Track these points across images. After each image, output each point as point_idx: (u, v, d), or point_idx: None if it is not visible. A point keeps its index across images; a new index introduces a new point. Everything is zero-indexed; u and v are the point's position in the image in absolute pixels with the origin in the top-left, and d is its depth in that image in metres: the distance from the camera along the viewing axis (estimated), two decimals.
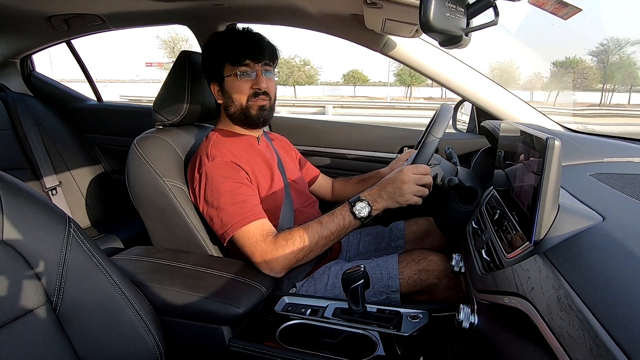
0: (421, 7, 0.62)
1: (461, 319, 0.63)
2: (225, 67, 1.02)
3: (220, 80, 1.04)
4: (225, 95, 1.05)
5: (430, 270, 0.98)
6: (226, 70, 1.03)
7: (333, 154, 1.67)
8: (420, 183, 0.91)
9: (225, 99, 1.06)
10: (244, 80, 1.02)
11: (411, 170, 0.91)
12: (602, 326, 0.32)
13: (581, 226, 0.49)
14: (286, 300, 0.89)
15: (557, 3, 0.76)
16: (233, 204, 0.92)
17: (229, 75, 1.03)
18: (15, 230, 0.63)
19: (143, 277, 0.87)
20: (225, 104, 1.07)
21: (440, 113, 1.00)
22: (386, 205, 0.92)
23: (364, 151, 1.63)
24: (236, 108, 1.05)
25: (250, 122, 1.06)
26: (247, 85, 1.02)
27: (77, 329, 0.69)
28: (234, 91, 1.03)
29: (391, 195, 0.91)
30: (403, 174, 0.91)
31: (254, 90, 1.03)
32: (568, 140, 1.00)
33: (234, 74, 1.02)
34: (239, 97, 1.03)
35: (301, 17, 1.35)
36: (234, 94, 1.03)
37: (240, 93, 1.03)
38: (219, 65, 1.03)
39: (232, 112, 1.06)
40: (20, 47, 1.88)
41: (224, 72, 1.03)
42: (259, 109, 1.04)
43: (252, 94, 1.03)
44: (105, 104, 2.13)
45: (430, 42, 1.33)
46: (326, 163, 1.69)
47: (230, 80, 1.03)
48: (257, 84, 1.02)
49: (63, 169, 1.84)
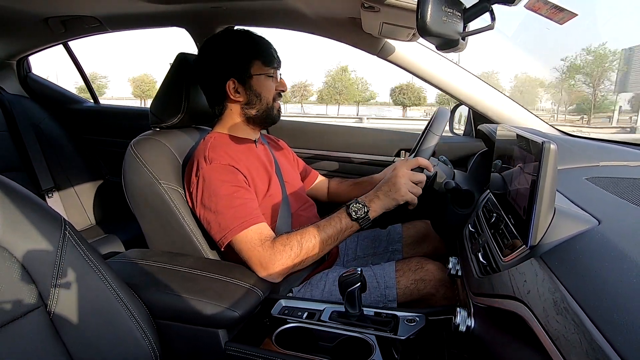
0: (418, 11, 0.62)
1: (458, 322, 0.63)
2: (255, 65, 1.02)
3: (246, 77, 1.02)
4: (249, 93, 1.04)
5: (427, 280, 0.97)
6: (255, 68, 1.02)
7: (330, 157, 1.67)
8: (414, 179, 0.92)
9: (248, 96, 1.04)
10: (273, 81, 1.05)
11: (405, 166, 0.93)
12: (598, 329, 0.32)
13: (577, 230, 0.49)
14: (283, 304, 0.89)
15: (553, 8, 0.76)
16: (231, 208, 0.92)
17: (259, 74, 1.03)
18: (10, 232, 0.63)
19: (139, 280, 0.86)
20: (246, 102, 1.05)
21: (438, 115, 1.01)
22: (383, 204, 0.92)
23: (361, 154, 1.63)
24: (261, 106, 1.05)
25: (270, 121, 1.09)
26: (274, 86, 1.06)
27: (72, 333, 0.68)
28: (264, 90, 1.04)
29: (387, 193, 0.92)
30: (397, 169, 0.93)
31: (278, 92, 1.07)
32: (564, 144, 1.01)
33: (267, 74, 1.03)
34: (267, 96, 1.05)
35: (298, 20, 1.36)
36: (264, 93, 1.04)
37: (269, 92, 1.05)
38: (246, 62, 1.02)
39: (255, 110, 1.05)
40: (17, 49, 1.88)
41: (252, 70, 1.02)
42: (279, 109, 1.09)
43: (277, 95, 1.07)
44: (102, 105, 2.12)
45: (427, 46, 1.33)
46: (323, 166, 1.69)
47: (261, 79, 1.03)
48: (281, 86, 1.08)
49: (59, 171, 1.83)
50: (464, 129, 1.65)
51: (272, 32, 1.98)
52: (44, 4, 1.43)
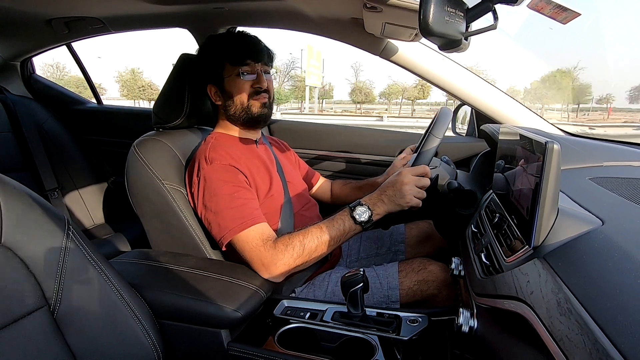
0: (421, 11, 0.62)
1: (460, 323, 0.63)
2: (225, 67, 1.03)
3: (219, 81, 1.05)
4: (224, 95, 1.06)
5: (430, 281, 0.97)
6: (226, 70, 1.03)
7: (332, 158, 1.67)
8: (419, 185, 0.91)
9: (224, 99, 1.06)
10: (245, 80, 1.03)
11: (410, 172, 0.92)
12: (602, 330, 0.32)
13: (580, 230, 0.48)
14: (285, 304, 0.89)
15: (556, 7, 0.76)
16: (231, 208, 0.92)
17: (230, 76, 1.03)
18: (14, 233, 0.63)
19: (142, 280, 0.86)
20: (224, 105, 1.07)
21: (440, 115, 1.00)
22: (387, 209, 0.91)
23: (363, 154, 1.63)
24: (237, 108, 1.05)
25: (252, 120, 1.07)
26: (247, 85, 1.04)
27: (75, 332, 0.68)
28: (234, 91, 1.04)
29: (392, 199, 0.91)
30: (402, 176, 0.91)
31: (254, 89, 1.04)
32: (567, 144, 1.00)
33: (235, 73, 1.03)
34: (239, 96, 1.04)
35: (301, 21, 1.36)
36: (235, 94, 1.04)
37: (241, 92, 1.04)
38: (218, 66, 1.04)
39: (232, 112, 1.06)
40: (21, 50, 1.89)
41: (224, 73, 1.04)
42: (261, 107, 1.06)
43: (253, 93, 1.04)
44: (105, 106, 2.13)
45: (429, 46, 1.33)
46: (325, 166, 1.69)
47: (231, 80, 1.03)
48: (258, 82, 1.04)
49: (62, 172, 1.84)
50: (467, 129, 1.65)
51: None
52: (48, 6, 1.43)
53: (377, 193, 0.93)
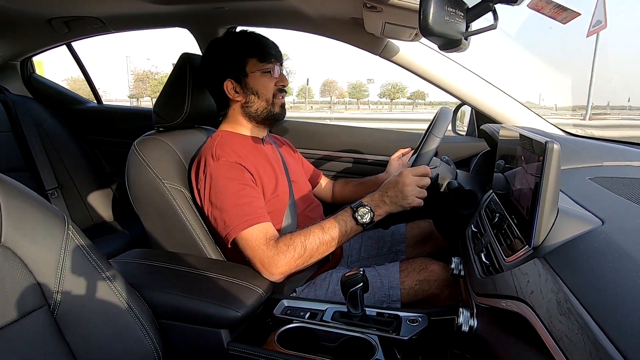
0: (421, 10, 0.62)
1: (460, 323, 0.63)
2: (250, 63, 1.03)
3: (242, 76, 1.03)
4: (247, 91, 1.04)
5: (431, 281, 0.97)
6: (251, 66, 1.03)
7: (333, 157, 1.67)
8: (420, 185, 0.91)
9: (246, 95, 1.05)
10: (270, 77, 1.04)
11: (411, 173, 0.91)
12: (602, 330, 0.32)
13: (580, 230, 0.48)
14: (285, 304, 0.89)
15: (556, 7, 0.76)
16: (237, 206, 0.92)
17: (255, 72, 1.03)
18: (14, 232, 0.63)
19: (142, 279, 0.86)
20: (245, 101, 1.05)
21: (440, 115, 1.00)
22: (389, 210, 0.91)
23: (364, 154, 1.63)
24: (261, 104, 1.05)
25: (272, 118, 1.07)
26: (273, 82, 1.05)
27: (75, 332, 0.68)
28: (260, 87, 1.04)
29: (394, 200, 0.90)
30: (403, 176, 0.90)
31: (278, 88, 1.05)
32: (567, 144, 1.00)
33: (262, 70, 1.03)
34: (265, 93, 1.04)
35: (301, 21, 1.36)
36: (261, 90, 1.04)
37: (267, 89, 1.04)
38: (242, 60, 1.03)
39: (255, 109, 1.05)
40: (21, 50, 1.89)
41: (248, 68, 1.03)
42: (282, 106, 1.07)
43: (277, 91, 1.06)
44: (105, 106, 2.13)
45: (429, 46, 1.33)
46: (327, 166, 1.69)
47: (257, 76, 1.03)
48: (281, 81, 1.06)
49: (63, 171, 1.84)
50: (467, 129, 1.65)
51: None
52: (48, 5, 1.43)
53: (378, 194, 0.92)
